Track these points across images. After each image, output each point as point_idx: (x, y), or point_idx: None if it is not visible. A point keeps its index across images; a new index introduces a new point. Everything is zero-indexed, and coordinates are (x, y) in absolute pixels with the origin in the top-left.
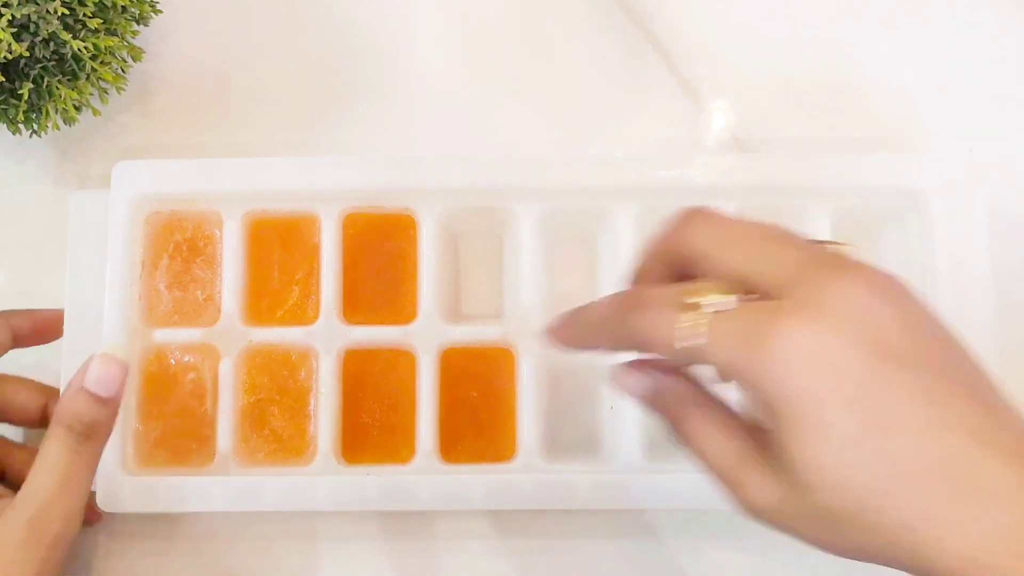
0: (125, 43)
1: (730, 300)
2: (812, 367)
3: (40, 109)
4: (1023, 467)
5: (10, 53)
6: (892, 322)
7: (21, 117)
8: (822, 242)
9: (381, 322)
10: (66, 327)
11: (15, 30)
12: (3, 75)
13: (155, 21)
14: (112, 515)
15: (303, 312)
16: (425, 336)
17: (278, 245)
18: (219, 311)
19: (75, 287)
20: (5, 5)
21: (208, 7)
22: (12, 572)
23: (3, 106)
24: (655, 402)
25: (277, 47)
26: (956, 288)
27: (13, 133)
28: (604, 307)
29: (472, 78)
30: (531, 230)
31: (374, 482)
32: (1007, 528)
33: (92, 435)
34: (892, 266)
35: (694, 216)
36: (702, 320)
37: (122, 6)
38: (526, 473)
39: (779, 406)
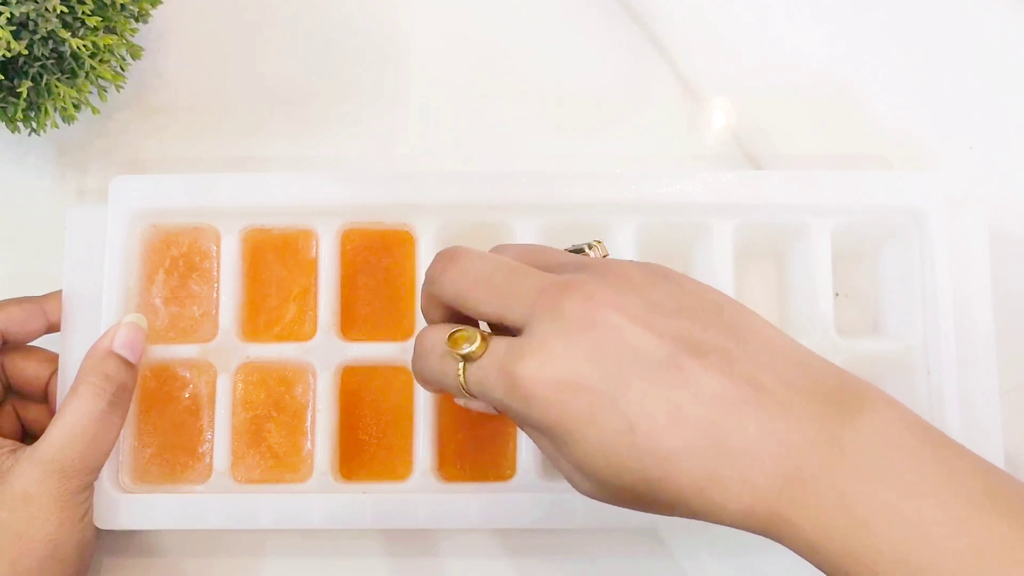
0: (124, 41)
1: (477, 344)
2: (556, 395)
3: (39, 107)
4: (770, 416)
5: (9, 51)
6: (627, 323)
7: (20, 115)
8: (575, 250)
9: (379, 338)
10: (63, 344)
11: (14, 28)
12: (2, 73)
13: (154, 19)
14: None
15: (300, 328)
16: None
17: (276, 261)
18: (216, 327)
19: (71, 301)
20: (4, 3)
21: (207, 5)
22: (38, 524)
23: (2, 104)
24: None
25: (276, 44)
26: (957, 305)
27: (12, 131)
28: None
29: (472, 78)
30: None
31: (371, 500)
32: (762, 478)
33: (121, 396)
34: (893, 282)
35: (443, 263)
36: (462, 369)
37: (121, 4)
38: (524, 492)
39: (547, 433)
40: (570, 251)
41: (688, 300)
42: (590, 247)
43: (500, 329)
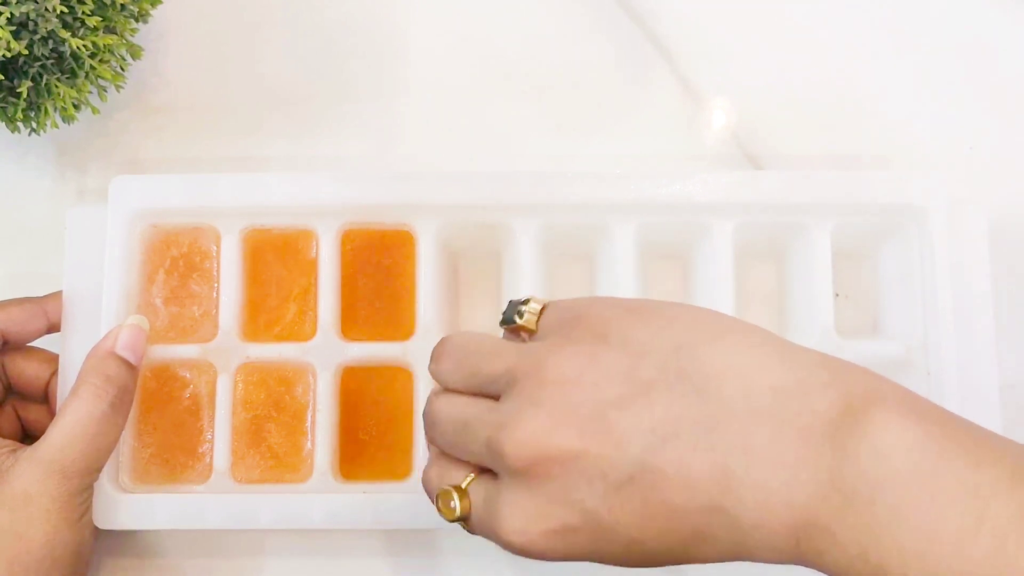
0: (124, 41)
1: (460, 506)
2: (553, 545)
3: (39, 107)
4: (769, 469)
5: (9, 51)
6: (583, 439)
7: (20, 115)
8: (506, 319)
9: (379, 338)
10: (63, 344)
11: (14, 28)
12: (2, 73)
13: (154, 19)
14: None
15: (301, 328)
16: (424, 352)
17: (276, 261)
18: (216, 327)
19: (71, 302)
20: (4, 3)
21: (207, 5)
22: (37, 525)
23: (2, 104)
24: None
25: (275, 45)
26: (957, 305)
27: (12, 131)
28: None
29: (472, 78)
30: (529, 246)
31: (371, 500)
32: (779, 537)
33: (122, 398)
34: (893, 282)
35: (426, 429)
36: (466, 526)
37: (121, 4)
38: None
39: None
40: (503, 321)
41: (638, 365)
42: (519, 315)
43: None
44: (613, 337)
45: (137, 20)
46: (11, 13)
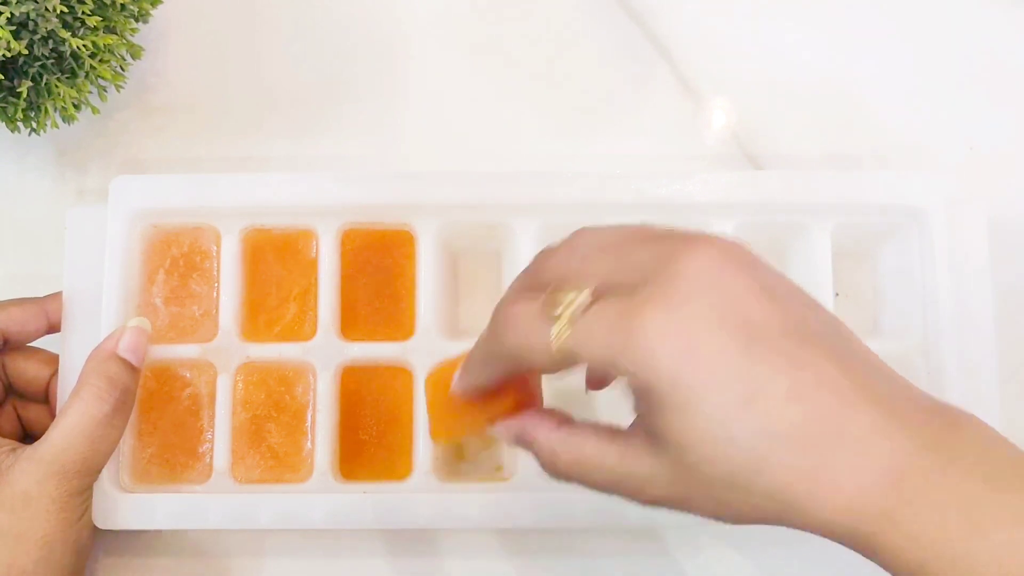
0: (124, 41)
1: (585, 295)
2: (678, 352)
3: (39, 107)
4: (883, 414)
5: (9, 51)
6: (748, 293)
7: (20, 115)
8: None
9: (379, 338)
10: (63, 344)
11: (14, 28)
12: (2, 73)
13: (154, 19)
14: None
15: (301, 328)
16: (423, 352)
17: (276, 261)
18: (216, 327)
19: (71, 302)
20: (4, 3)
21: (207, 5)
22: (36, 525)
23: (2, 104)
24: (525, 441)
25: (275, 44)
26: (957, 305)
27: (12, 131)
28: (482, 339)
29: (472, 78)
30: (529, 246)
31: (371, 500)
32: (872, 472)
33: (124, 400)
34: (893, 282)
35: (549, 248)
36: (567, 323)
37: (121, 4)
38: (524, 492)
39: (654, 393)
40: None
41: (793, 288)
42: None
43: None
44: (768, 264)
45: (137, 20)
46: (11, 13)
